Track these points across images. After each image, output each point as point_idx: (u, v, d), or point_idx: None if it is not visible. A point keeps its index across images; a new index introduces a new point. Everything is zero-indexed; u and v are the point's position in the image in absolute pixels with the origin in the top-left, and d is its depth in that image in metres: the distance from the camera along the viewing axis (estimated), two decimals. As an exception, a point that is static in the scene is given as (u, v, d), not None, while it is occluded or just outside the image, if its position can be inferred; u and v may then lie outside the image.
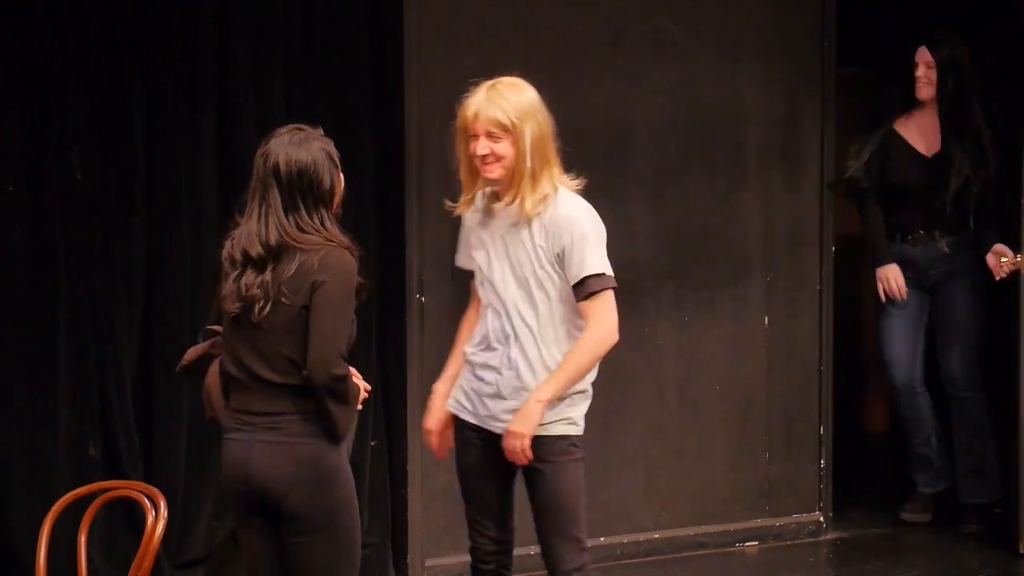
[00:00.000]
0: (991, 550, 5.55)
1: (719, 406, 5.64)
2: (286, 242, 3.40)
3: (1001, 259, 5.33)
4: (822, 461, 5.78)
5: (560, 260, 3.69)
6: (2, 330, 4.72)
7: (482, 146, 3.70)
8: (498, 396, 3.72)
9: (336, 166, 3.46)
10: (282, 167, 3.42)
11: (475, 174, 3.76)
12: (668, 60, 5.46)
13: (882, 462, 6.77)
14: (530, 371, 3.70)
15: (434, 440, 3.81)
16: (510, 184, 3.71)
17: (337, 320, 3.37)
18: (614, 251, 5.28)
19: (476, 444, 3.77)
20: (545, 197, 3.63)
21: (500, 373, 3.71)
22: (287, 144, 3.45)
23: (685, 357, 5.57)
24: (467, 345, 3.82)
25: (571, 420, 3.78)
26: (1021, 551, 5.48)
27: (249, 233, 3.41)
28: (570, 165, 5.18)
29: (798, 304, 5.69)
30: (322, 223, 3.40)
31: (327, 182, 3.44)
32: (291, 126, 3.50)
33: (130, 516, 4.79)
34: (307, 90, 5.03)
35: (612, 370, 5.22)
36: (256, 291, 3.39)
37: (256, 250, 3.40)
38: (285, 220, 3.39)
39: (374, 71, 5.08)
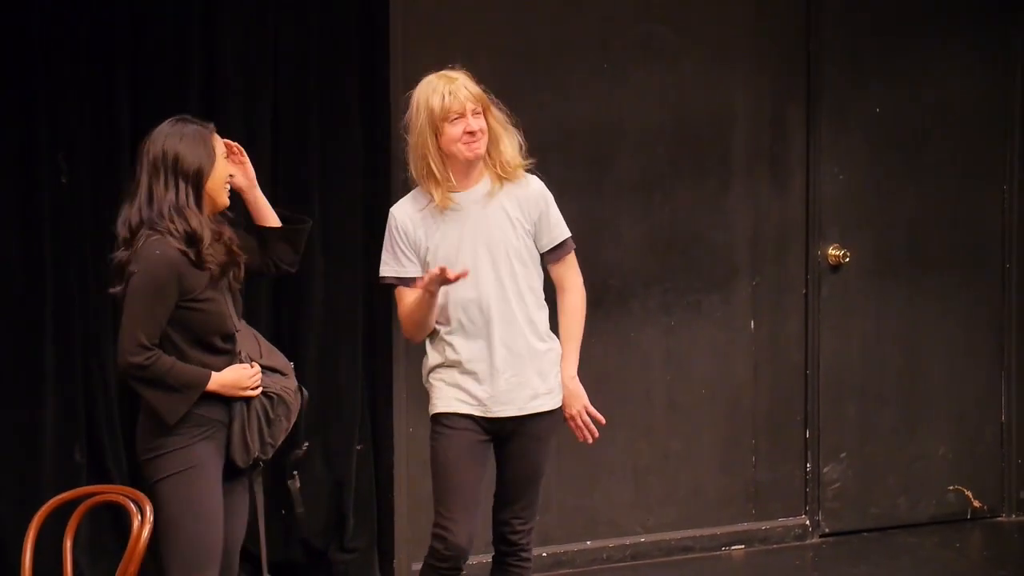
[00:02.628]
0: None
1: (706, 410, 5.65)
2: (141, 225, 3.52)
3: None
4: (808, 464, 5.78)
5: (536, 228, 3.80)
6: None
7: (472, 123, 3.73)
8: (508, 372, 3.77)
9: (209, 151, 3.52)
10: (150, 151, 3.54)
11: (442, 164, 3.76)
12: (657, 64, 5.47)
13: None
14: (536, 337, 3.79)
15: (425, 276, 3.76)
16: (488, 158, 3.77)
17: (135, 310, 3.47)
18: (601, 255, 5.43)
19: (468, 434, 3.80)
20: (519, 163, 3.74)
21: (500, 353, 3.76)
22: (163, 131, 3.56)
23: (672, 361, 5.58)
24: (449, 350, 3.82)
25: (557, 393, 3.89)
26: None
27: (122, 215, 3.56)
28: (558, 168, 5.26)
29: (784, 308, 5.72)
30: (186, 205, 3.48)
31: (193, 164, 3.52)
32: (177, 116, 3.59)
33: (116, 520, 4.78)
34: (295, 91, 5.04)
35: (599, 374, 5.31)
36: (114, 276, 3.59)
37: (122, 233, 3.55)
38: (146, 203, 3.51)
39: (363, 74, 5.07)
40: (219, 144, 3.64)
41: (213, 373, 3.54)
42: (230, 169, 3.64)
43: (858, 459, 5.82)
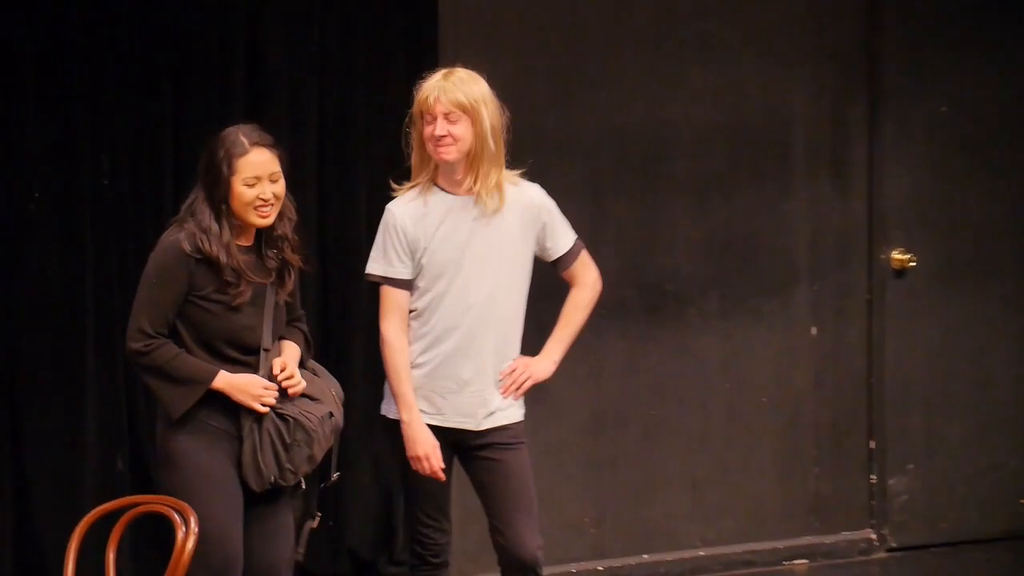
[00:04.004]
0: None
1: (766, 419, 5.61)
2: (177, 215, 3.64)
3: None
4: (873, 476, 5.73)
5: (540, 238, 3.83)
6: (31, 340, 4.72)
7: (440, 127, 3.72)
8: (481, 383, 3.77)
9: (230, 165, 3.53)
10: (204, 152, 3.63)
11: (427, 160, 3.78)
12: (713, 62, 5.45)
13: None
14: (499, 358, 3.81)
15: (434, 462, 3.78)
16: (468, 169, 3.75)
17: (141, 295, 3.53)
18: (656, 260, 5.44)
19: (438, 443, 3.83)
20: (499, 184, 3.74)
21: (483, 364, 3.77)
22: (219, 135, 3.62)
23: (730, 369, 5.55)
24: (419, 353, 3.80)
25: (522, 404, 3.88)
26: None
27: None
28: (611, 169, 5.31)
29: (846, 314, 5.66)
30: (204, 216, 3.53)
31: (212, 177, 3.55)
32: (247, 124, 3.66)
33: (159, 531, 4.66)
34: (341, 91, 5.03)
35: (655, 383, 5.39)
36: None
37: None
38: (190, 199, 3.62)
39: (410, 76, 4.91)
40: (248, 167, 3.57)
41: (222, 371, 3.51)
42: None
43: (926, 471, 5.76)
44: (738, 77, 5.48)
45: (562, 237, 3.85)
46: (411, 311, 3.79)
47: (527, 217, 3.80)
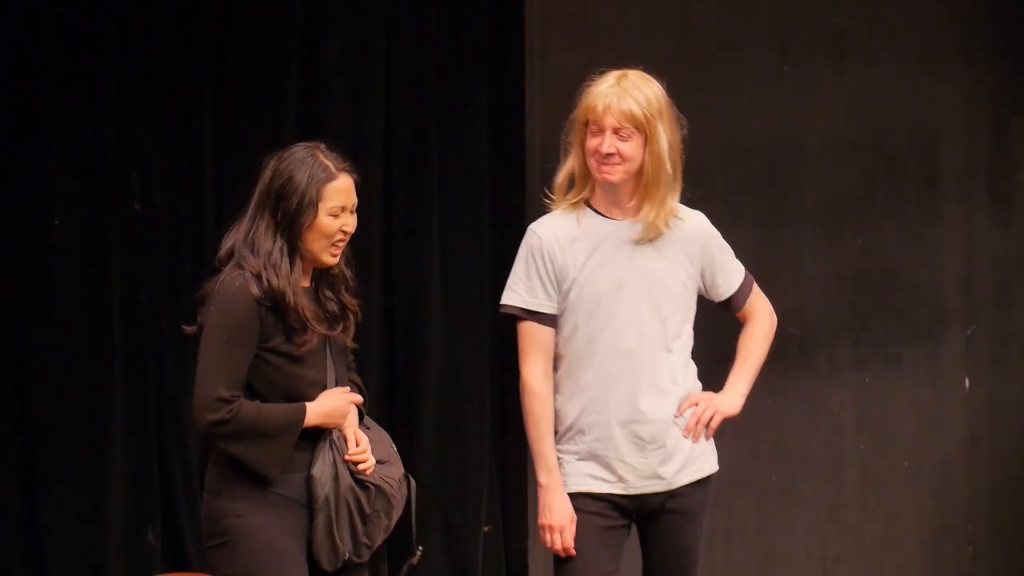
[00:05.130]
0: None
1: (909, 488, 5.51)
2: (231, 257, 3.51)
3: None
4: (1041, 556, 5.62)
5: (704, 275, 3.78)
6: (48, 391, 4.62)
7: (607, 143, 3.64)
8: (662, 436, 3.70)
9: (314, 197, 3.50)
10: (264, 175, 3.51)
11: (586, 175, 3.69)
12: (848, 65, 5.37)
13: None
14: (675, 404, 3.75)
15: (567, 537, 3.69)
16: (636, 193, 3.68)
17: (210, 357, 3.41)
18: (779, 299, 5.20)
19: (599, 519, 3.71)
20: (673, 211, 3.72)
21: (650, 420, 3.69)
22: (288, 155, 3.53)
23: (867, 427, 5.46)
24: (579, 413, 3.73)
25: (715, 450, 3.79)
26: None
27: (229, 232, 3.56)
28: (726, 192, 5.19)
29: (1006, 363, 5.63)
30: (271, 249, 3.47)
31: (292, 204, 3.47)
32: (312, 143, 3.59)
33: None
34: (411, 96, 4.98)
35: (777, 440, 5.31)
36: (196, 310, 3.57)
37: (220, 252, 3.53)
38: (244, 234, 3.50)
39: (492, 75, 5.06)
40: (335, 195, 3.53)
41: (307, 404, 3.46)
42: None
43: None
44: (876, 82, 5.42)
45: (732, 273, 3.78)
46: (556, 358, 3.73)
47: (693, 249, 3.73)
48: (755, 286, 3.81)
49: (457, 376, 5.04)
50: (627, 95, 3.61)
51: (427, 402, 4.98)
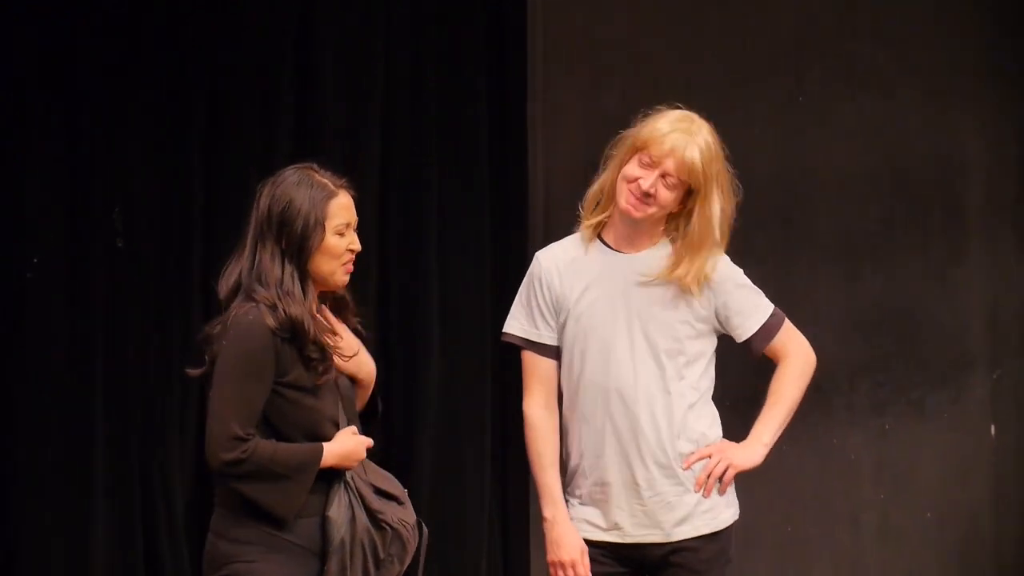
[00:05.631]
0: None
1: (932, 541, 5.48)
2: (238, 291, 3.46)
3: None
4: (1071, 615, 5.47)
5: (718, 316, 3.72)
6: (28, 442, 4.63)
7: (651, 180, 3.60)
8: (663, 483, 3.67)
9: (319, 217, 3.50)
10: (260, 203, 3.47)
11: (612, 198, 3.65)
12: (865, 95, 5.36)
13: None
14: (676, 450, 3.70)
15: (580, 571, 3.66)
16: (680, 256, 3.66)
17: (225, 393, 3.38)
18: None
19: (597, 562, 3.68)
20: (707, 275, 3.68)
21: (646, 466, 3.67)
22: (281, 179, 3.50)
23: (887, 476, 5.42)
24: (581, 456, 3.74)
25: (732, 502, 3.75)
26: None
27: (227, 267, 3.53)
28: (735, 229, 5.13)
29: None
30: (291, 287, 3.45)
31: (298, 227, 3.45)
32: (304, 164, 3.55)
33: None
34: (409, 121, 5.00)
35: (793, 489, 5.24)
36: (199, 352, 3.54)
37: (222, 291, 3.50)
38: (248, 266, 3.47)
39: (492, 101, 5.05)
40: (339, 213, 3.52)
41: (325, 444, 3.44)
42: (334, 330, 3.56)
43: None
44: (895, 112, 5.40)
45: (751, 314, 3.71)
46: (562, 392, 3.73)
47: (707, 290, 3.70)
48: (786, 324, 3.76)
49: (455, 408, 5.02)
50: (694, 145, 3.60)
51: (424, 434, 4.97)
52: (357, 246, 3.52)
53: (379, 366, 4.80)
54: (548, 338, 3.68)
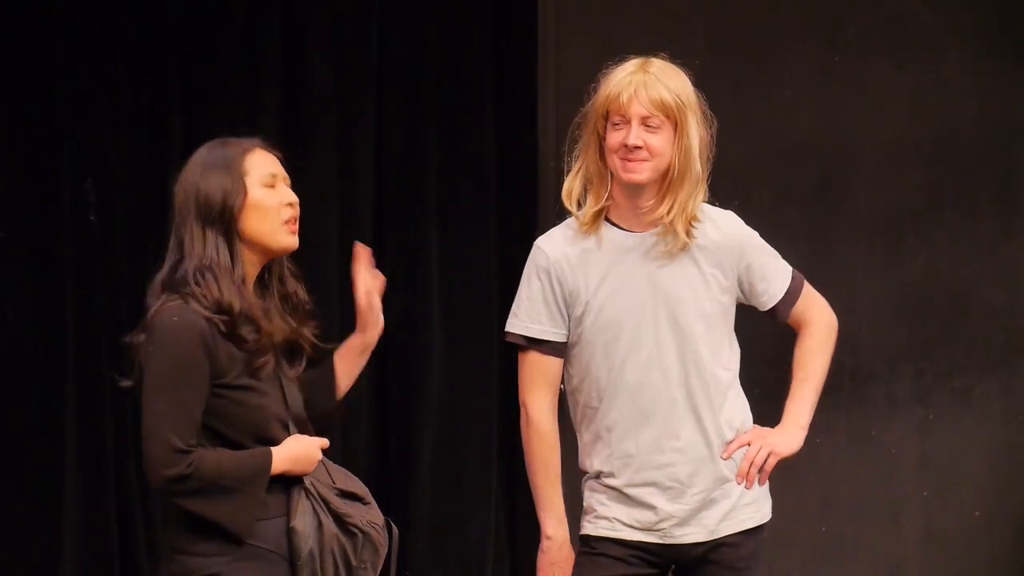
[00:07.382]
0: None
1: (981, 542, 5.41)
2: (163, 292, 3.35)
3: None
4: None
5: (741, 284, 3.66)
6: None
7: (634, 134, 3.49)
8: (704, 479, 3.59)
9: (235, 177, 3.39)
10: (177, 190, 3.39)
11: (602, 178, 3.54)
12: (908, 58, 5.33)
13: None
14: (719, 439, 3.64)
15: None
16: (659, 195, 3.57)
17: (157, 404, 3.27)
18: None
19: (625, 562, 3.61)
20: (694, 216, 3.62)
21: (688, 460, 3.59)
22: (193, 160, 3.42)
23: (931, 471, 5.39)
24: (607, 457, 3.65)
25: (768, 495, 3.67)
26: None
27: (153, 282, 3.43)
28: (768, 201, 5.03)
29: None
30: (204, 250, 3.35)
31: (216, 192, 3.36)
32: (218, 139, 3.47)
33: None
34: (407, 100, 4.98)
35: (828, 485, 5.22)
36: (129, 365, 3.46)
37: (148, 306, 3.39)
38: (172, 264, 3.36)
39: (500, 71, 5.06)
40: (260, 164, 3.45)
41: (273, 449, 3.39)
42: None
43: None
44: (941, 77, 5.36)
45: (776, 278, 3.66)
46: (575, 394, 3.64)
47: (726, 258, 3.62)
48: (806, 287, 3.69)
49: (458, 410, 5.04)
50: (656, 81, 3.51)
51: (425, 438, 4.98)
52: (293, 198, 3.42)
53: (377, 362, 4.62)
54: (553, 335, 3.61)
